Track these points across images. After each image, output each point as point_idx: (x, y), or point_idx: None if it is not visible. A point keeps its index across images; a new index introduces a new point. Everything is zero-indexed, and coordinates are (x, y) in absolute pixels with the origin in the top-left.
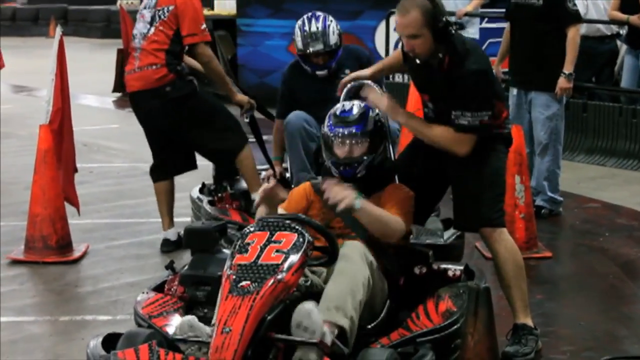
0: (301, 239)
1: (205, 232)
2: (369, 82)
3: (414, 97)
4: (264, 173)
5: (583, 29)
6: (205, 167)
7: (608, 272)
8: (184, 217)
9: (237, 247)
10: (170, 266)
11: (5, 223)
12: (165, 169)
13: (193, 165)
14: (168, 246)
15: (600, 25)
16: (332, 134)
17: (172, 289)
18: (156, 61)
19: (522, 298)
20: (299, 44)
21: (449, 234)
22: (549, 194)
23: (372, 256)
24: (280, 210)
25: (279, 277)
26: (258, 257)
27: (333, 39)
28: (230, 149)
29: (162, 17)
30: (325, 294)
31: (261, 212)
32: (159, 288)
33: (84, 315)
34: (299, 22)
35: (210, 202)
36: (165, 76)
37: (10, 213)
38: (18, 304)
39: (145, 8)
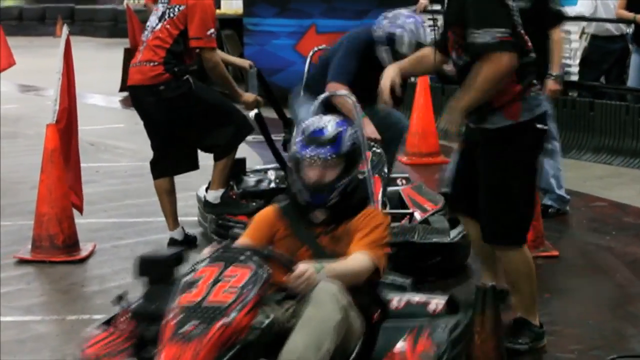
0: (258, 274)
1: (159, 260)
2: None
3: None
4: (270, 172)
5: (591, 28)
6: (211, 166)
7: (615, 270)
8: (191, 217)
9: (182, 284)
10: (120, 299)
11: (12, 222)
12: (166, 165)
13: (194, 166)
14: (175, 246)
15: (609, 25)
16: (301, 156)
17: (121, 326)
18: (154, 58)
19: (528, 300)
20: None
21: (455, 233)
22: (557, 192)
23: (347, 296)
24: (243, 239)
25: (228, 319)
26: (205, 296)
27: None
28: (223, 145)
29: (172, 15)
30: (287, 348)
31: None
32: (109, 323)
33: (91, 315)
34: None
35: None
36: (161, 75)
37: (17, 212)
38: (25, 303)
39: (160, 2)
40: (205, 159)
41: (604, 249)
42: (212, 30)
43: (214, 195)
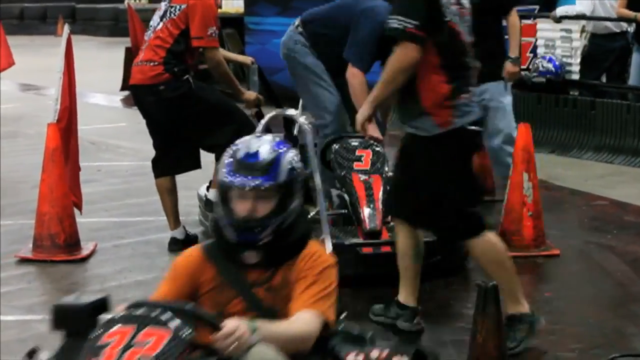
0: (177, 337)
1: (77, 309)
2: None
3: None
4: None
5: (590, 26)
6: (212, 165)
7: (616, 269)
8: (193, 216)
9: (88, 348)
10: (31, 354)
11: (14, 221)
12: (167, 163)
13: (196, 165)
14: (176, 245)
15: (608, 23)
16: (229, 184)
17: None
18: (155, 58)
19: (509, 288)
20: None
21: None
22: (507, 160)
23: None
24: (162, 290)
25: None
26: None
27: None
28: (225, 144)
29: (173, 14)
30: None
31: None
32: None
33: None
34: None
35: None
36: (161, 75)
37: (18, 211)
38: (26, 303)
39: (163, 1)
40: (206, 158)
41: (605, 248)
42: (214, 29)
43: (216, 194)
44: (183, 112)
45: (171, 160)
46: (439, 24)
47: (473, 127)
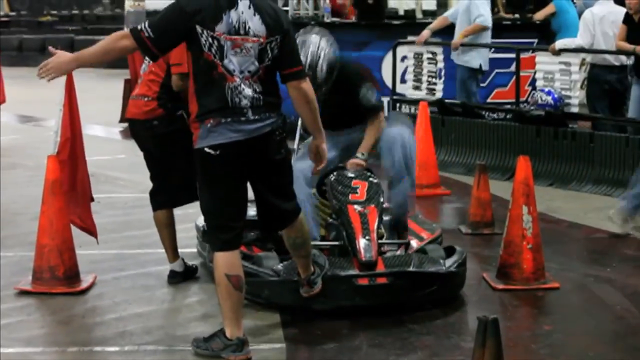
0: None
1: None
2: None
3: None
4: None
5: (589, 57)
6: None
7: (616, 302)
8: (191, 248)
9: None
10: None
11: (13, 253)
12: (165, 196)
13: (194, 197)
14: (175, 278)
15: (607, 55)
16: None
17: None
18: (148, 93)
19: (223, 309)
20: None
21: (451, 262)
22: None
23: None
24: None
25: None
26: None
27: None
28: None
29: None
30: None
31: None
32: None
33: (92, 347)
34: None
35: None
36: (154, 110)
37: (18, 243)
38: (26, 335)
39: None
40: None
41: (605, 281)
42: None
43: None
44: (177, 146)
45: (169, 193)
46: (195, 51)
47: (210, 150)
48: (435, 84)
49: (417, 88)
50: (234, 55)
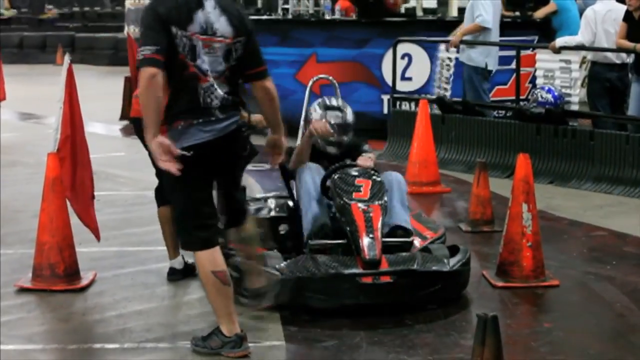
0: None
1: None
2: None
3: None
4: (270, 200)
5: (590, 55)
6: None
7: (615, 300)
8: None
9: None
10: None
11: (13, 251)
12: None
13: None
14: (174, 275)
15: (608, 53)
16: None
17: None
18: None
19: (215, 308)
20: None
21: (455, 261)
22: None
23: None
24: None
25: None
26: None
27: (351, 116)
28: None
29: None
30: None
31: None
32: None
33: (91, 344)
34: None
35: None
36: None
37: (18, 241)
38: (26, 332)
39: None
40: None
41: (605, 279)
42: None
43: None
44: None
45: None
46: (170, 53)
47: (183, 152)
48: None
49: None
50: (206, 55)
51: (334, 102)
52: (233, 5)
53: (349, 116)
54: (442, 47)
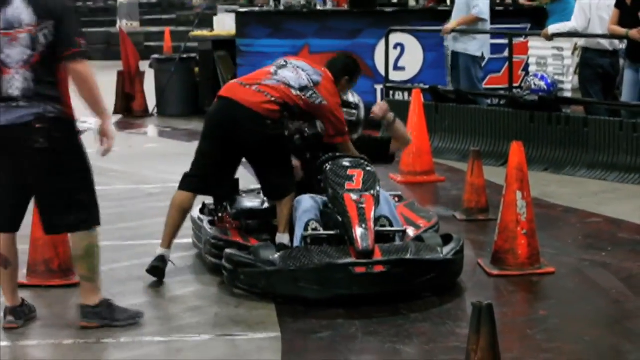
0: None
1: None
2: None
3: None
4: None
5: (582, 41)
6: None
7: (611, 286)
8: (187, 239)
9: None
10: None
11: None
12: (200, 183)
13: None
14: (162, 262)
15: (601, 39)
16: None
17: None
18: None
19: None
20: None
21: (448, 250)
22: None
23: None
24: None
25: None
26: None
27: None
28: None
29: None
30: None
31: None
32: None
33: (87, 339)
34: None
35: (211, 223)
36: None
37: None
38: (21, 328)
39: None
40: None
41: (600, 265)
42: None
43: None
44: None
45: (210, 180)
46: None
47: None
48: None
49: None
50: (10, 48)
51: (350, 97)
52: None
53: (362, 114)
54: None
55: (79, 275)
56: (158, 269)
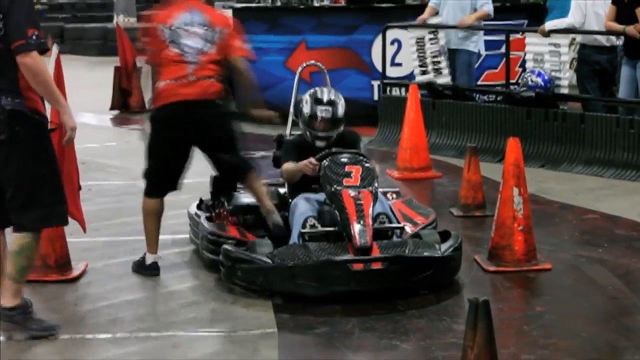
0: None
1: None
2: None
3: None
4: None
5: (579, 37)
6: (202, 184)
7: (608, 283)
8: (183, 234)
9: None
10: None
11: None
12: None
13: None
14: (157, 269)
15: (598, 35)
16: None
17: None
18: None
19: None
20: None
21: (446, 247)
22: None
23: None
24: None
25: None
26: None
27: (341, 110)
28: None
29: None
30: None
31: None
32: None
33: (83, 334)
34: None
35: (208, 218)
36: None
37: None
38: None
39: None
40: (197, 176)
41: (596, 262)
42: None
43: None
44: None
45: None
46: None
47: None
48: (439, 62)
49: (424, 73)
50: None
51: (325, 95)
52: None
53: (339, 110)
54: (441, 34)
55: (6, 273)
56: (155, 271)
